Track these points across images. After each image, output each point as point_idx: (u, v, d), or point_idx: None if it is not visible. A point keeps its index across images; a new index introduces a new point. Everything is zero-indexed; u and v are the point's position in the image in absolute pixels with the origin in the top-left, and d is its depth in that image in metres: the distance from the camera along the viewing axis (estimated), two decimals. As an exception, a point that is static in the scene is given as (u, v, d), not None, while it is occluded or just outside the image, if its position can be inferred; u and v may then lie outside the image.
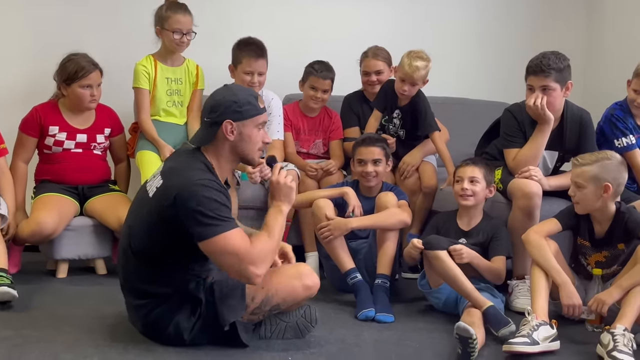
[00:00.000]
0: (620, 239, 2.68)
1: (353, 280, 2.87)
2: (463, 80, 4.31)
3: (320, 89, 3.59)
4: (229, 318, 2.24)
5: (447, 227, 2.95)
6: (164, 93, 3.49)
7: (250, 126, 2.32)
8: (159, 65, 3.49)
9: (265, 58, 3.45)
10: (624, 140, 3.06)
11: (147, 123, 3.43)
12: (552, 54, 2.99)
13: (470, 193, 2.87)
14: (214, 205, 2.15)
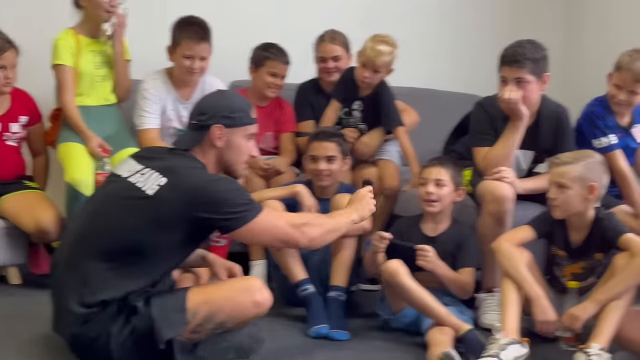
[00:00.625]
0: (598, 249, 2.72)
1: (304, 293, 2.87)
2: (431, 69, 4.38)
3: (280, 75, 3.61)
4: (166, 334, 2.21)
5: (410, 233, 2.96)
6: (92, 67, 3.45)
7: (239, 135, 2.41)
8: (82, 39, 3.44)
9: (208, 41, 3.42)
10: (604, 140, 3.11)
11: (72, 106, 3.37)
12: (528, 42, 3.02)
13: (435, 198, 2.88)
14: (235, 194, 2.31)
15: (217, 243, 3.35)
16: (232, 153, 2.43)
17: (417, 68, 4.21)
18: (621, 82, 3.10)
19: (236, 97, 2.56)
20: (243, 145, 2.44)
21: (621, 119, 3.23)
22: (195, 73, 3.42)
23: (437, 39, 4.45)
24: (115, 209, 2.32)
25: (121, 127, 3.52)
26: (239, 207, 2.29)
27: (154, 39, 3.53)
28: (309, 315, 2.82)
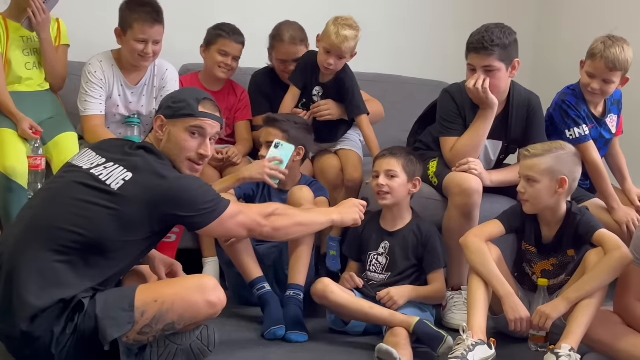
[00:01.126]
0: (570, 245, 2.78)
1: (260, 292, 2.89)
2: (395, 54, 4.42)
3: (231, 55, 3.60)
4: (111, 334, 2.20)
5: (369, 230, 3.01)
6: (21, 54, 3.44)
7: (179, 127, 2.44)
8: (10, 24, 3.43)
9: (162, 23, 3.40)
10: (577, 130, 3.16)
11: (2, 92, 3.35)
12: (496, 27, 3.03)
13: (386, 190, 2.91)
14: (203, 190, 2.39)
15: (168, 239, 3.33)
16: (171, 146, 2.46)
17: (382, 53, 4.25)
18: (594, 70, 3.14)
19: (189, 90, 2.61)
20: (182, 139, 2.45)
21: (594, 109, 3.28)
22: (148, 58, 3.41)
23: (402, 22, 4.49)
24: (74, 201, 2.32)
25: (58, 112, 3.51)
26: (207, 204, 2.36)
27: (99, 20, 3.54)
28: (264, 316, 2.85)
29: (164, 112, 2.49)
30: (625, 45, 3.12)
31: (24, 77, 3.47)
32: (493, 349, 2.54)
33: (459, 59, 3.22)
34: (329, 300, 2.78)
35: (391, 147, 3.08)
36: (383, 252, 2.98)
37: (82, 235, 2.27)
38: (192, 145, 2.45)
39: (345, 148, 3.60)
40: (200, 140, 2.47)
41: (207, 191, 2.41)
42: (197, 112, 2.45)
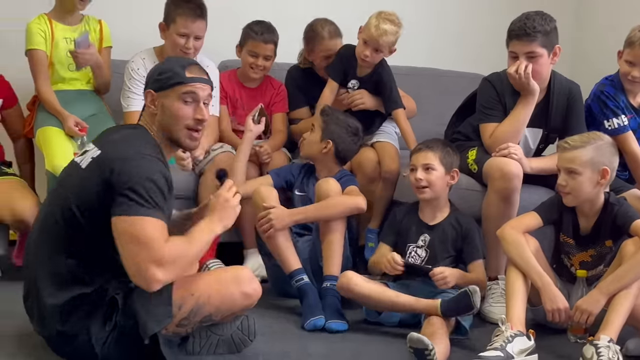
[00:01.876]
0: (608, 235, 2.72)
1: (299, 283, 2.86)
2: (430, 48, 4.37)
3: (262, 55, 3.57)
4: (151, 329, 2.19)
5: (408, 222, 2.98)
6: (64, 55, 3.44)
7: (172, 97, 2.32)
8: (55, 25, 3.44)
9: (205, 19, 3.41)
10: (615, 121, 3.11)
11: (47, 90, 3.39)
12: (536, 14, 3.02)
13: (425, 184, 2.88)
14: (149, 185, 2.15)
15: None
16: (167, 117, 2.33)
17: (416, 46, 4.17)
18: (634, 58, 3.10)
19: (172, 59, 2.48)
20: (176, 107, 2.32)
21: (633, 99, 3.23)
22: (189, 52, 3.40)
23: (436, 14, 4.45)
24: (59, 193, 2.31)
25: (101, 109, 3.52)
26: (136, 194, 2.13)
27: (141, 18, 3.53)
28: (303, 307, 2.82)
29: (152, 86, 2.36)
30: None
31: (67, 77, 3.48)
32: (532, 340, 2.50)
33: (493, 50, 3.25)
34: (354, 292, 2.76)
35: (427, 140, 3.04)
36: (423, 245, 2.95)
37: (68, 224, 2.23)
38: (187, 113, 2.33)
39: (381, 140, 3.55)
40: (194, 106, 2.34)
41: (150, 186, 2.16)
42: (185, 79, 2.33)
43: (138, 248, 2.12)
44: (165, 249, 2.13)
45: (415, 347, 2.31)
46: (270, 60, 3.61)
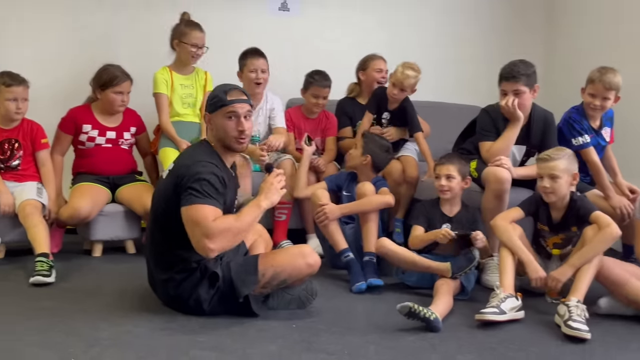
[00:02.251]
0: (574, 223, 2.68)
1: (346, 259, 2.85)
2: (440, 87, 4.30)
3: (322, 96, 3.57)
4: (243, 291, 2.24)
5: (433, 213, 2.93)
6: (180, 97, 3.48)
7: (219, 116, 2.29)
8: (174, 74, 3.48)
9: (265, 58, 3.46)
10: (580, 139, 3.03)
11: (167, 124, 3.42)
12: (520, 62, 2.99)
13: (447, 188, 2.86)
14: (203, 182, 2.16)
15: (279, 218, 3.36)
16: (219, 131, 2.30)
17: (430, 85, 4.11)
18: (595, 92, 3.03)
19: (219, 86, 2.39)
20: (223, 124, 2.28)
21: (593, 123, 3.14)
22: (260, 84, 3.43)
23: (444, 62, 4.37)
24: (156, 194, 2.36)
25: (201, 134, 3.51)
26: (195, 186, 2.14)
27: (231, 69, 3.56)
28: (350, 276, 2.80)
29: (207, 109, 2.34)
30: (615, 72, 3.03)
31: (180, 112, 3.50)
32: (519, 300, 2.46)
33: (485, 88, 3.17)
34: (387, 249, 2.76)
35: (448, 154, 3.04)
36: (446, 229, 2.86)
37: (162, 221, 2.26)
38: (231, 126, 2.28)
39: (405, 154, 3.50)
40: (236, 121, 2.28)
41: (203, 183, 2.15)
42: (226, 101, 2.27)
43: (194, 227, 2.13)
44: (213, 226, 2.11)
45: (405, 312, 2.23)
46: (326, 99, 3.60)
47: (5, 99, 3.06)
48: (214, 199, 2.16)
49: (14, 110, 3.08)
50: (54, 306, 2.35)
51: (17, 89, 3.06)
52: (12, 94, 3.06)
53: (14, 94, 3.06)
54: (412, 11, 4.34)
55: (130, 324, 2.19)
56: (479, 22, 4.46)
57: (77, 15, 3.80)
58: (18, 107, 3.09)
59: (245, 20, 4.03)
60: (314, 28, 4.16)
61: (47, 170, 3.21)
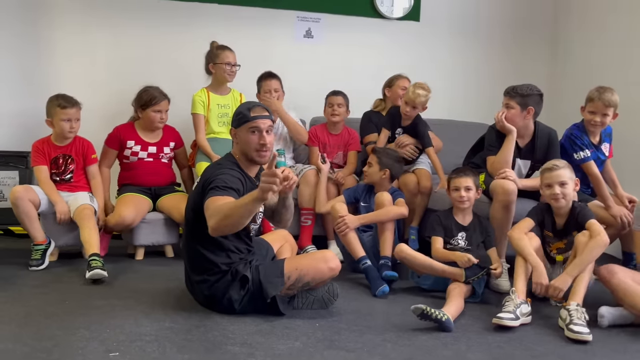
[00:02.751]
0: (574, 228, 2.65)
1: (364, 266, 2.81)
2: (450, 105, 4.28)
3: (335, 104, 3.57)
4: (271, 292, 2.24)
5: (448, 223, 2.89)
6: (216, 116, 3.50)
7: (243, 131, 2.28)
8: (211, 95, 3.51)
9: (277, 79, 3.52)
10: (582, 153, 2.99)
11: (203, 141, 3.45)
12: (525, 84, 2.98)
13: (466, 199, 2.85)
14: (218, 180, 2.15)
15: (304, 223, 3.36)
16: (243, 145, 2.29)
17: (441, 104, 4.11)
18: (595, 109, 3.00)
19: (243, 104, 2.38)
20: (247, 139, 2.27)
21: (593, 139, 3.10)
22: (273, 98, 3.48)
23: (454, 83, 4.36)
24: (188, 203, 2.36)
25: None
26: (213, 185, 2.14)
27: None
28: (369, 281, 2.75)
29: (232, 125, 2.34)
30: (613, 91, 3.00)
31: (216, 130, 3.53)
32: (529, 306, 2.42)
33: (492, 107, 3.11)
34: (404, 253, 2.74)
35: (463, 167, 3.03)
36: (461, 239, 2.86)
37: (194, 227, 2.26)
38: (254, 140, 2.27)
39: (419, 167, 3.48)
40: (259, 135, 2.27)
41: (220, 179, 2.15)
42: (250, 117, 2.27)
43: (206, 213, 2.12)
44: (211, 206, 2.08)
45: (419, 314, 2.20)
46: (342, 107, 3.58)
47: (60, 120, 3.12)
48: (225, 190, 2.13)
49: (67, 130, 3.15)
50: (102, 304, 2.38)
51: (70, 110, 3.13)
52: (66, 115, 3.12)
53: (68, 115, 3.12)
54: (426, 37, 4.33)
55: (169, 320, 2.20)
56: (487, 47, 4.44)
57: (122, 40, 3.88)
58: (71, 127, 3.15)
59: (274, 47, 4.07)
60: (336, 53, 4.18)
61: (97, 183, 3.27)
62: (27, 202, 2.97)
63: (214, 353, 1.92)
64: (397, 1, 4.24)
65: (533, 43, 4.48)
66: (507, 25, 4.45)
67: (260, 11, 4.04)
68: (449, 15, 4.36)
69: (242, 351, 1.94)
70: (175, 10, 3.93)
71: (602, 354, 2.08)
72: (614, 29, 3.88)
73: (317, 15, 4.13)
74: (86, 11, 3.82)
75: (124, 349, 1.92)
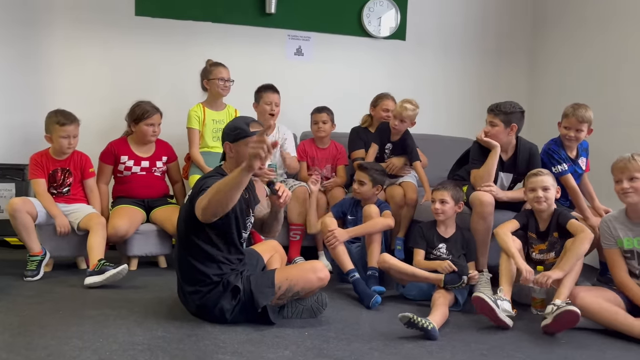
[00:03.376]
0: (555, 230, 2.73)
1: (352, 278, 2.79)
2: (436, 120, 4.33)
3: (320, 121, 3.60)
4: (262, 302, 2.23)
5: (430, 234, 2.92)
6: (211, 131, 3.51)
7: (241, 146, 2.25)
8: (207, 110, 3.51)
9: (278, 94, 3.49)
10: (559, 167, 3.03)
11: (197, 155, 3.45)
12: (508, 102, 3.03)
13: (440, 211, 2.87)
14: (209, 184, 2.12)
15: (293, 238, 3.35)
16: (241, 159, 2.20)
17: (428, 120, 4.17)
18: (569, 125, 3.05)
19: (239, 118, 2.33)
20: (246, 153, 2.09)
21: (570, 153, 3.14)
22: (274, 114, 3.46)
23: (440, 101, 4.41)
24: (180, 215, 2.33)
25: None
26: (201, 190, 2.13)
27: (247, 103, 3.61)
28: (358, 294, 2.72)
29: (228, 139, 2.27)
30: (587, 107, 3.06)
31: (210, 144, 3.53)
32: (513, 312, 2.45)
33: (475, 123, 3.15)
34: (389, 264, 2.75)
35: (444, 181, 3.05)
36: (443, 249, 2.89)
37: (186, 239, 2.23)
38: None
39: (405, 180, 3.49)
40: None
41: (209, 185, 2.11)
42: (249, 133, 2.24)
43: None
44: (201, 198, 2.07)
45: (405, 322, 2.20)
46: (327, 124, 3.61)
47: (59, 136, 3.11)
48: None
49: (66, 146, 3.13)
50: (95, 314, 2.36)
51: (69, 127, 3.11)
52: (65, 132, 3.10)
53: (66, 132, 3.11)
54: (412, 55, 4.39)
55: (162, 330, 2.19)
56: (470, 64, 4.50)
57: (118, 57, 3.89)
58: (70, 143, 3.14)
59: (266, 64, 4.10)
60: (326, 70, 4.22)
61: (94, 196, 3.26)
62: (25, 214, 2.95)
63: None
64: (384, 21, 4.30)
65: (513, 61, 4.56)
66: (489, 44, 4.52)
67: (253, 30, 4.07)
68: (433, 34, 4.42)
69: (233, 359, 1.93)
70: (171, 29, 3.95)
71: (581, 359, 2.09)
72: (590, 45, 3.94)
73: (307, 34, 4.17)
74: (83, 28, 3.84)
75: (116, 358, 1.90)
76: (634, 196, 2.46)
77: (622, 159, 2.50)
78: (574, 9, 4.12)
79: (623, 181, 2.47)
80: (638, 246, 2.49)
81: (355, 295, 2.77)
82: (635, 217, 2.50)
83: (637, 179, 2.45)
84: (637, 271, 2.51)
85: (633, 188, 2.45)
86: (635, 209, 2.50)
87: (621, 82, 3.66)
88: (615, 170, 2.52)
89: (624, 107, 3.60)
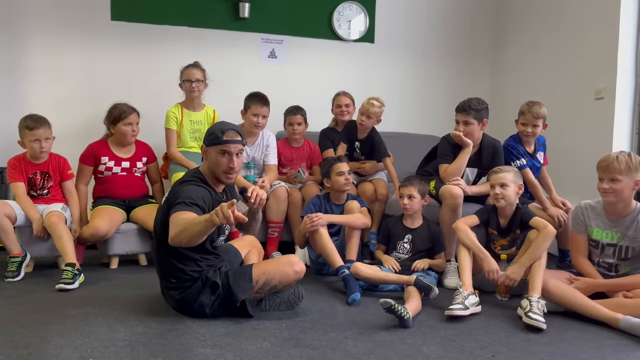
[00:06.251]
0: (517, 227, 2.72)
1: (343, 274, 2.71)
2: (405, 119, 4.35)
3: (295, 123, 3.58)
4: (240, 296, 2.21)
5: (396, 227, 2.93)
6: (188, 131, 3.46)
7: (214, 151, 2.21)
8: (184, 111, 3.46)
9: (268, 106, 3.40)
10: (518, 162, 3.07)
11: (176, 153, 3.40)
12: (474, 99, 3.03)
13: (409, 206, 2.89)
14: (185, 194, 2.10)
15: (271, 235, 3.33)
16: (212, 164, 2.22)
17: (396, 118, 4.20)
18: (526, 121, 3.10)
19: (219, 124, 2.27)
20: (216, 159, 2.19)
21: (529, 148, 3.18)
22: (259, 127, 3.38)
23: (408, 101, 4.43)
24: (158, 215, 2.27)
25: None
26: (179, 200, 2.08)
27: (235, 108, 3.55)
28: (347, 288, 2.65)
29: (204, 142, 2.25)
30: (541, 104, 3.11)
31: (187, 145, 3.49)
32: (477, 297, 2.45)
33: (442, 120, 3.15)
34: (361, 275, 2.64)
35: (410, 177, 3.03)
36: (407, 241, 2.91)
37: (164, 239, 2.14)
38: (223, 162, 2.21)
39: (375, 177, 3.52)
40: (228, 158, 2.20)
41: (185, 195, 2.09)
42: (222, 140, 2.20)
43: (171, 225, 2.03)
44: (174, 219, 2.00)
45: (385, 307, 2.19)
46: (301, 125, 3.60)
47: (30, 141, 3.01)
48: (190, 205, 2.07)
49: (38, 150, 3.04)
50: (76, 313, 2.30)
51: (38, 131, 3.00)
52: (34, 136, 3.00)
53: (36, 136, 3.00)
54: (380, 57, 4.39)
55: (143, 325, 2.15)
56: (435, 65, 4.54)
57: (96, 61, 3.80)
58: (42, 147, 3.04)
59: (241, 67, 4.06)
60: (298, 72, 4.20)
61: (73, 197, 3.18)
62: (3, 217, 2.87)
63: (186, 355, 1.88)
64: (353, 25, 4.30)
65: (475, 61, 4.62)
66: (452, 45, 4.57)
67: (228, 34, 4.03)
68: (400, 37, 4.44)
69: (213, 352, 1.90)
70: (147, 33, 3.88)
71: (543, 341, 2.12)
72: (545, 46, 4.02)
73: (280, 37, 4.15)
74: (60, 33, 3.74)
75: (98, 354, 1.86)
76: (612, 197, 2.42)
77: (606, 158, 2.44)
78: (532, 12, 4.18)
79: (604, 180, 2.41)
80: (606, 239, 2.52)
81: (331, 287, 2.77)
82: (612, 214, 2.51)
83: (618, 180, 2.39)
84: (597, 259, 2.56)
85: (612, 189, 2.40)
86: (613, 207, 2.49)
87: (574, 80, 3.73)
88: (599, 168, 2.45)
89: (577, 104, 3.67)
